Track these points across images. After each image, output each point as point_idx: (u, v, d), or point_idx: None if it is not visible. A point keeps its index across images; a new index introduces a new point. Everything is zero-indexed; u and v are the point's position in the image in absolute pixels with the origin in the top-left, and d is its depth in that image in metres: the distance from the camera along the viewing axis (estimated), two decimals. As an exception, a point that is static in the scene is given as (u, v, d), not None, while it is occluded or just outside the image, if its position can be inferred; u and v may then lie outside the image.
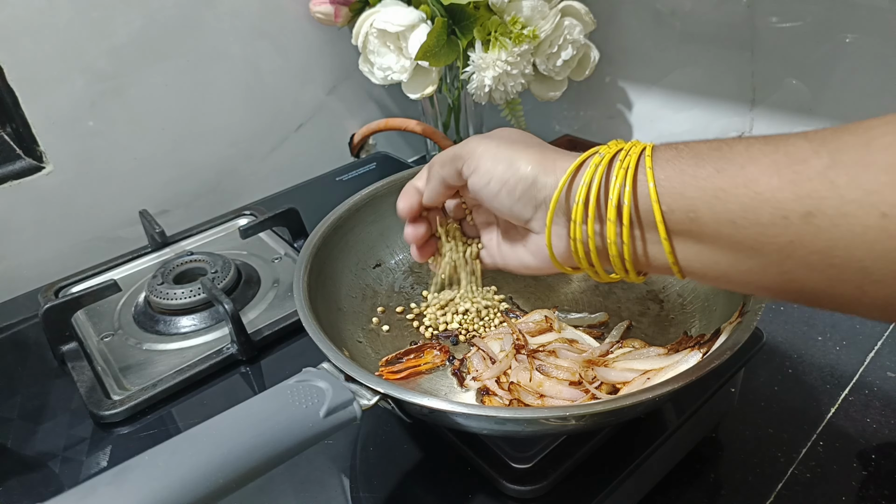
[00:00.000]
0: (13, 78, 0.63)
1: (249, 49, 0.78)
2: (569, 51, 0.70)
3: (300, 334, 0.56)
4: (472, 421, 0.36)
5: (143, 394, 0.50)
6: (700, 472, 0.48)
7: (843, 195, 0.25)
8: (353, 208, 0.55)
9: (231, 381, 0.52)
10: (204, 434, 0.33)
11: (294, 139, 0.87)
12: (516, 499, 0.39)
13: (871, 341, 0.59)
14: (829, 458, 0.48)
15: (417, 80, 0.71)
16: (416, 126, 0.81)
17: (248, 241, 0.67)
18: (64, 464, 0.46)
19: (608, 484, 0.40)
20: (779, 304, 0.64)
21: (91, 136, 0.70)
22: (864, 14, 0.57)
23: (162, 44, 0.71)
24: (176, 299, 0.57)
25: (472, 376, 0.45)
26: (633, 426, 0.43)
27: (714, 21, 0.68)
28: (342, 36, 0.82)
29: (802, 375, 0.56)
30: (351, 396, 0.36)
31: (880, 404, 0.52)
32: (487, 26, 0.67)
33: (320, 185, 0.82)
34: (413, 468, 0.43)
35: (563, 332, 0.48)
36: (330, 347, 0.39)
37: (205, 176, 0.80)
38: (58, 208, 0.70)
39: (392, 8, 0.68)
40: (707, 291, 0.49)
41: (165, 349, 0.55)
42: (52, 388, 0.53)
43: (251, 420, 0.34)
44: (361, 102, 0.92)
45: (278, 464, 0.34)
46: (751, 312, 0.40)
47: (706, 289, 0.49)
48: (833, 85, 0.62)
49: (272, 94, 0.82)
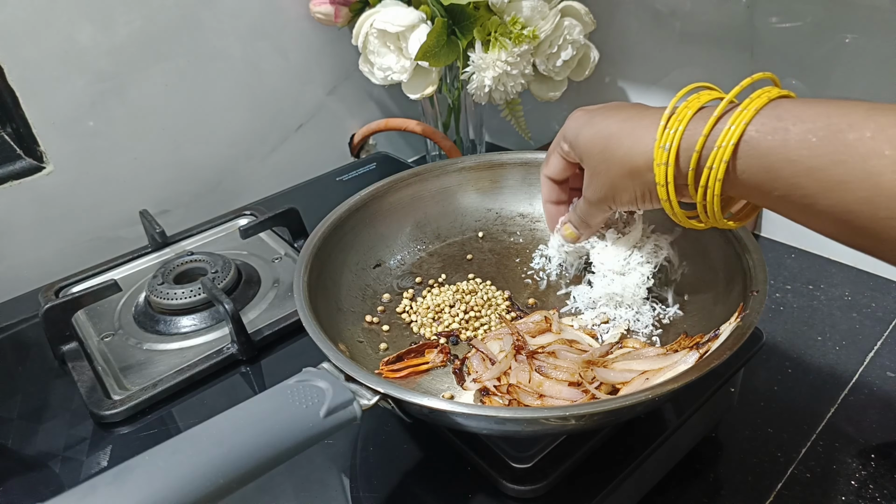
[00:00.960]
0: (13, 78, 0.63)
1: (249, 49, 0.78)
2: (569, 51, 0.70)
3: (300, 334, 0.56)
4: (472, 421, 0.36)
5: (143, 394, 0.50)
6: (700, 472, 0.48)
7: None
8: (353, 208, 0.55)
9: (231, 381, 0.52)
10: (204, 434, 0.33)
11: (294, 139, 0.87)
12: (516, 499, 0.39)
13: (871, 341, 0.59)
14: (828, 458, 0.48)
15: (417, 81, 0.71)
16: (416, 126, 0.81)
17: (249, 241, 0.67)
18: (64, 464, 0.46)
19: (608, 484, 0.40)
20: (779, 304, 0.64)
21: (91, 136, 0.70)
22: (864, 14, 0.57)
23: (162, 44, 0.71)
24: (176, 299, 0.57)
25: (472, 377, 0.45)
26: (633, 426, 0.43)
27: (714, 21, 0.68)
28: (342, 36, 0.82)
29: (802, 375, 0.56)
30: (351, 396, 0.36)
31: (880, 404, 0.53)
32: (487, 26, 0.67)
33: (320, 185, 0.82)
34: (413, 468, 0.43)
35: (563, 332, 0.49)
36: (330, 347, 0.39)
37: (205, 176, 0.80)
38: (58, 208, 0.70)
39: (392, 8, 0.68)
40: (707, 291, 0.49)
41: (165, 349, 0.55)
42: (52, 388, 0.53)
43: (251, 420, 0.34)
44: (361, 102, 0.92)
45: (278, 464, 0.34)
46: (751, 313, 0.40)
47: (706, 288, 0.49)
48: (833, 85, 0.62)
49: (272, 94, 0.82)
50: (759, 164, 0.34)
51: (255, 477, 0.33)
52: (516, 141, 0.93)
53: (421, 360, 0.47)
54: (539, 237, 0.59)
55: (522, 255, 0.58)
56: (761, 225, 0.74)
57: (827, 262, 0.69)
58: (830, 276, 0.67)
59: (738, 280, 0.45)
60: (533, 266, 0.57)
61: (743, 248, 0.45)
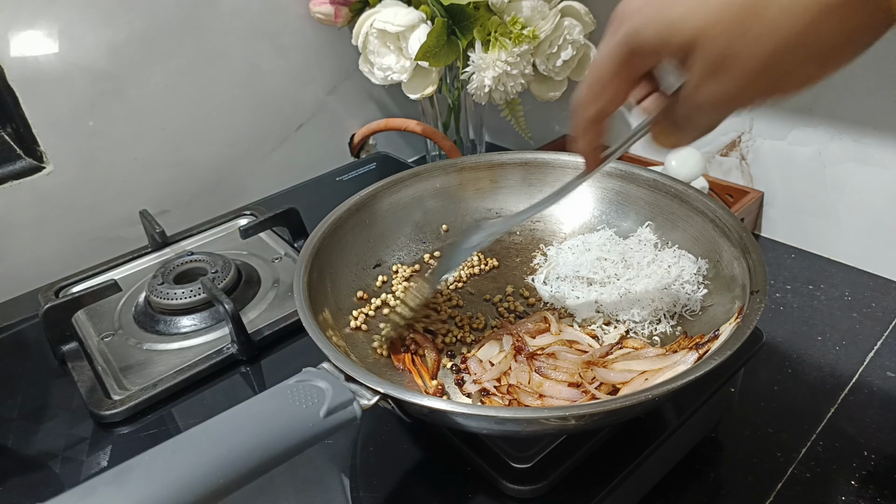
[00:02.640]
0: (13, 78, 0.63)
1: (249, 49, 0.78)
2: (569, 51, 0.70)
3: (300, 334, 0.56)
4: (473, 421, 0.36)
5: (143, 394, 0.50)
6: (700, 472, 0.48)
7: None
8: (353, 208, 0.55)
9: (231, 381, 0.52)
10: (204, 434, 0.33)
11: (294, 139, 0.87)
12: (516, 499, 0.39)
13: (871, 341, 0.59)
14: (828, 458, 0.48)
15: (417, 81, 0.71)
16: (416, 126, 0.81)
17: (248, 241, 0.67)
18: (64, 464, 0.46)
19: (608, 484, 0.40)
20: (779, 304, 0.64)
21: (91, 136, 0.70)
22: (863, 14, 0.57)
23: (162, 44, 0.71)
24: (176, 299, 0.57)
25: (472, 379, 0.45)
26: (633, 426, 0.43)
27: (714, 21, 0.68)
28: (342, 36, 0.82)
29: (802, 375, 0.56)
30: (351, 396, 0.36)
31: (880, 404, 0.53)
32: (487, 26, 0.67)
33: (320, 185, 0.82)
34: (413, 468, 0.43)
35: (563, 333, 0.48)
36: (330, 347, 0.39)
37: (205, 176, 0.80)
38: (58, 208, 0.70)
39: (392, 8, 0.68)
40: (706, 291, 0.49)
41: (165, 349, 0.55)
42: (52, 388, 0.53)
43: (252, 420, 0.34)
44: (361, 102, 0.92)
45: (279, 463, 0.34)
46: (751, 313, 0.40)
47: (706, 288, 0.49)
48: (833, 85, 0.62)
49: (272, 94, 0.82)
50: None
51: (256, 477, 0.33)
52: (516, 141, 0.93)
53: (418, 364, 0.47)
54: (539, 237, 0.59)
55: (522, 255, 0.58)
56: (761, 225, 0.74)
57: (827, 262, 0.69)
58: (830, 276, 0.67)
59: (739, 280, 0.45)
60: (532, 265, 0.57)
61: (743, 248, 0.45)
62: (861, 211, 0.66)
